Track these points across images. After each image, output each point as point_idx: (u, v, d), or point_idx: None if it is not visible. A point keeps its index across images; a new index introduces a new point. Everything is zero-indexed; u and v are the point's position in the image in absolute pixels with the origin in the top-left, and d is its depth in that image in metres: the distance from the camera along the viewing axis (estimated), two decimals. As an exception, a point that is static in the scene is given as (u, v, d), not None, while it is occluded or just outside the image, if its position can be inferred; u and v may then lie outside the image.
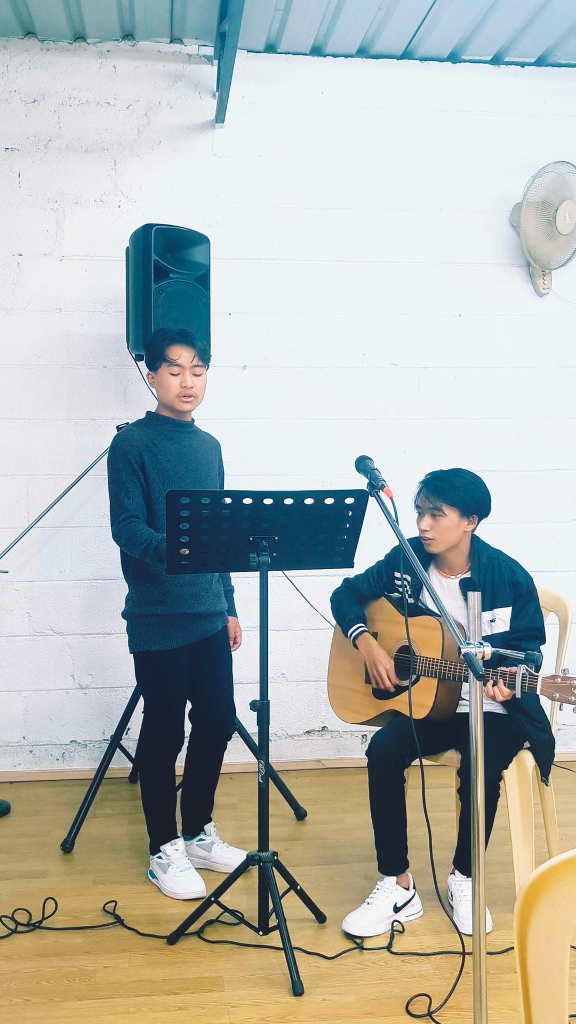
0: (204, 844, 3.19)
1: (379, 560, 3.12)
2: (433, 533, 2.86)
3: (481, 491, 2.88)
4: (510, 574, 2.88)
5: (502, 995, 2.43)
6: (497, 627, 2.85)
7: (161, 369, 2.98)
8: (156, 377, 3.02)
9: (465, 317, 4.37)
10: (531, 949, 1.14)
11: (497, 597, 2.85)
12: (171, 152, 4.19)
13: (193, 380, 2.98)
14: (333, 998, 2.43)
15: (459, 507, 2.84)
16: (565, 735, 4.39)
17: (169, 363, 2.96)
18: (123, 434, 3.03)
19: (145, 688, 3.05)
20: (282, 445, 4.28)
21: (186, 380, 2.97)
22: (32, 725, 4.16)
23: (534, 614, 2.87)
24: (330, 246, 4.29)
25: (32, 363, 4.13)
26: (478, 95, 4.36)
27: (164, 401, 3.04)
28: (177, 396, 2.98)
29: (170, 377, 2.97)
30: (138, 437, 2.99)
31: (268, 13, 3.91)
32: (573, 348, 4.44)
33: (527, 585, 2.88)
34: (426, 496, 2.87)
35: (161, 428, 3.04)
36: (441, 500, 2.83)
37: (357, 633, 3.01)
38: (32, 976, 2.54)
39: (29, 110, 4.11)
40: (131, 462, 2.94)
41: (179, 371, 2.96)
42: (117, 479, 2.95)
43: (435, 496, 2.84)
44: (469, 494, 2.85)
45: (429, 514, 2.85)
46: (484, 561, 2.90)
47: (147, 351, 3.05)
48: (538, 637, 2.84)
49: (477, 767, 2.02)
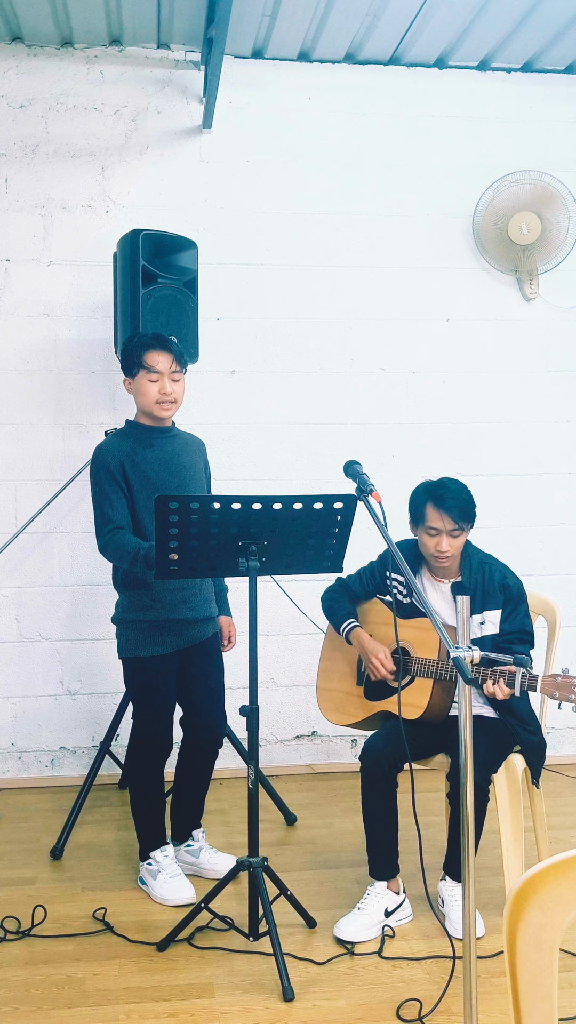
0: (192, 850, 3.18)
1: (372, 561, 3.12)
2: (453, 551, 2.87)
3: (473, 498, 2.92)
4: (500, 577, 2.89)
5: (492, 999, 2.43)
6: (487, 629, 2.86)
7: (139, 375, 2.95)
8: (134, 383, 2.98)
9: (453, 322, 4.38)
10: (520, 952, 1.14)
11: (487, 600, 2.86)
12: (159, 157, 4.19)
13: (172, 386, 2.95)
14: (323, 1004, 2.43)
15: (472, 521, 2.88)
16: (554, 738, 4.40)
17: (147, 369, 2.93)
18: (103, 446, 3.00)
19: (134, 694, 3.04)
20: (271, 450, 4.28)
21: (165, 387, 2.94)
22: (21, 731, 4.15)
23: (523, 617, 2.88)
24: (318, 251, 4.30)
25: (20, 368, 4.12)
26: (465, 101, 4.38)
27: (143, 408, 3.01)
28: (156, 403, 2.95)
29: (148, 384, 2.94)
30: (118, 448, 2.96)
31: (255, 19, 3.91)
32: (560, 353, 4.45)
33: (517, 588, 2.89)
34: (454, 519, 2.83)
35: (141, 436, 3.01)
36: (467, 521, 2.86)
37: (350, 628, 3.01)
38: (21, 984, 2.52)
39: (16, 115, 4.11)
40: (112, 473, 2.91)
41: (157, 377, 2.93)
42: (100, 491, 2.92)
43: (464, 520, 2.85)
44: (474, 505, 2.89)
45: (449, 535, 2.84)
46: (475, 565, 2.91)
47: (123, 357, 3.02)
48: (528, 640, 2.85)
49: (466, 771, 2.02)
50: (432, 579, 2.97)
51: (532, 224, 4.09)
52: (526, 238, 4.08)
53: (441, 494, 2.84)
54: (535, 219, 4.13)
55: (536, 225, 4.12)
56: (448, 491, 2.85)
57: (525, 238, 4.08)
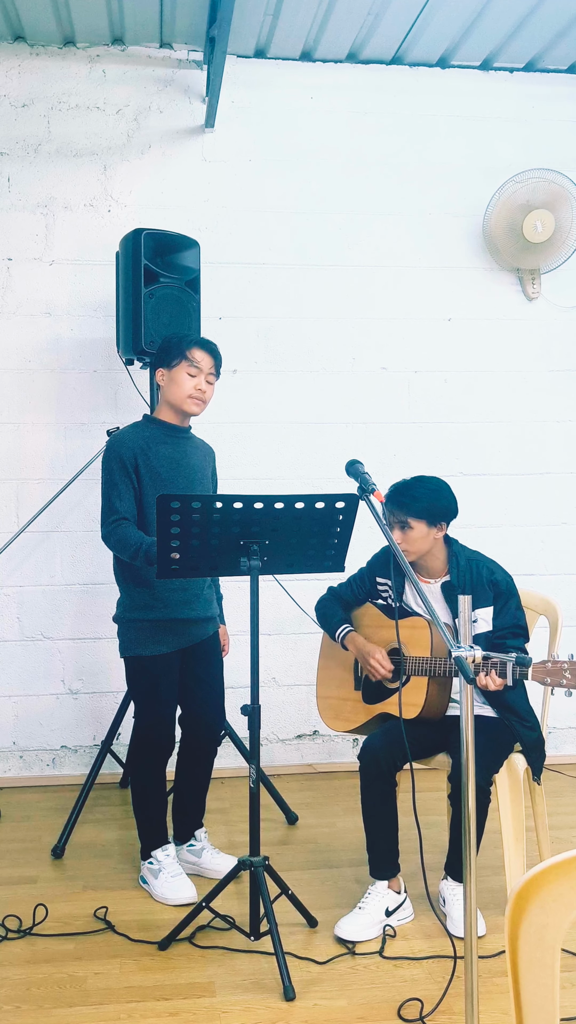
0: (194, 850, 3.18)
1: (361, 567, 3.13)
2: (405, 545, 2.88)
3: (443, 498, 2.89)
4: (488, 574, 2.89)
5: (494, 999, 2.43)
6: (479, 627, 2.86)
7: (179, 367, 2.98)
8: (169, 374, 3.00)
9: (455, 321, 4.38)
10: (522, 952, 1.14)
11: (477, 597, 2.86)
12: (161, 157, 4.19)
13: (206, 386, 3.00)
14: (324, 1003, 2.42)
15: (425, 518, 2.86)
16: (555, 738, 4.40)
17: (189, 362, 2.97)
18: (118, 436, 3.03)
19: (136, 693, 3.04)
20: (273, 449, 4.28)
21: (201, 383, 2.99)
22: (22, 730, 4.15)
23: (515, 611, 2.88)
24: (320, 250, 4.30)
25: (22, 367, 4.12)
26: (467, 100, 4.38)
27: (173, 400, 3.02)
28: (189, 396, 2.99)
29: (187, 377, 2.98)
30: (133, 440, 2.99)
31: (257, 18, 3.91)
32: (562, 352, 4.45)
33: (506, 583, 2.89)
34: (391, 511, 2.89)
35: (157, 432, 3.04)
36: (405, 514, 2.86)
37: (344, 633, 3.01)
38: (22, 983, 2.53)
39: (19, 114, 4.11)
40: (125, 464, 2.94)
41: (197, 372, 2.98)
42: (110, 481, 2.96)
43: (399, 510, 2.87)
44: (432, 503, 2.87)
45: (398, 527, 2.88)
46: (462, 563, 2.91)
47: (166, 347, 3.02)
48: (522, 635, 2.85)
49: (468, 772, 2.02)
50: (420, 580, 2.97)
51: (547, 222, 4.10)
52: (540, 236, 4.08)
53: (393, 488, 2.93)
54: (550, 217, 4.13)
55: (550, 223, 4.12)
56: (398, 486, 2.92)
57: (539, 236, 4.08)
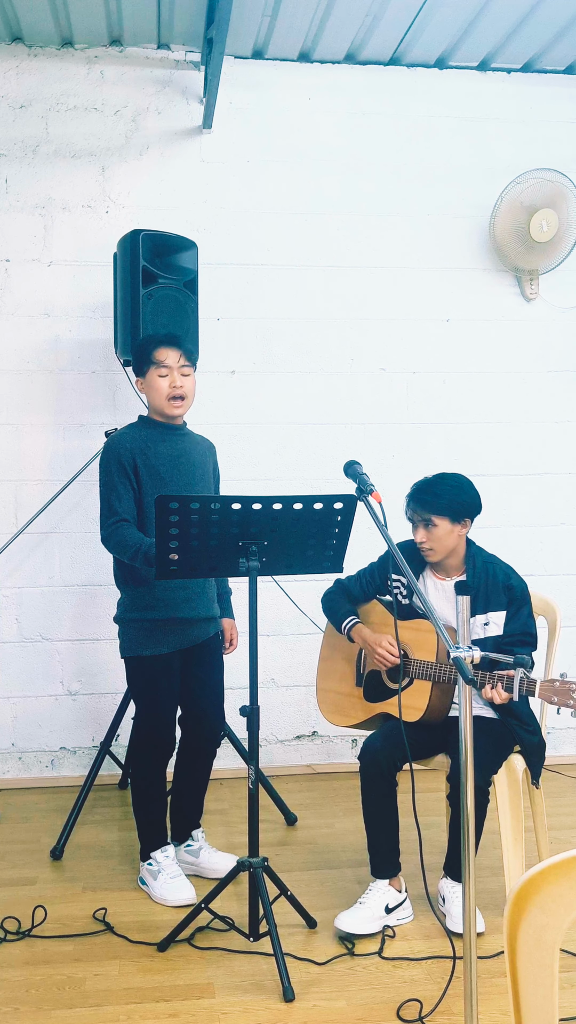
0: (192, 850, 3.18)
1: (372, 562, 3.12)
2: (430, 544, 2.87)
3: (467, 494, 2.89)
4: (504, 578, 2.89)
5: (493, 999, 2.43)
6: (491, 631, 2.85)
7: (149, 372, 2.99)
8: (145, 382, 3.02)
9: (453, 322, 4.39)
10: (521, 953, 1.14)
11: (491, 601, 2.86)
12: (159, 158, 4.19)
13: (182, 380, 2.99)
14: (324, 1004, 2.42)
15: (448, 515, 2.85)
16: (555, 738, 4.40)
17: (156, 364, 2.97)
18: (116, 436, 3.03)
19: (137, 693, 3.04)
20: (271, 450, 4.28)
21: (175, 380, 2.98)
22: (21, 732, 4.15)
23: (527, 619, 2.88)
24: (318, 251, 4.30)
25: (20, 368, 4.12)
26: (465, 101, 4.38)
27: (155, 406, 3.04)
28: (167, 398, 2.98)
29: (158, 379, 2.98)
30: (131, 440, 2.99)
31: (255, 19, 3.91)
32: (560, 353, 4.45)
33: (520, 589, 2.89)
34: (415, 509, 2.89)
35: (154, 432, 3.04)
36: (429, 512, 2.85)
37: (351, 625, 3.01)
38: (21, 984, 2.52)
39: (17, 115, 4.11)
40: (123, 465, 2.95)
41: (167, 372, 2.97)
42: (109, 482, 2.96)
43: (423, 509, 2.86)
44: (455, 499, 2.86)
45: (422, 526, 2.87)
46: (479, 565, 2.91)
47: (135, 358, 3.05)
48: (530, 643, 2.85)
49: (467, 772, 2.02)
50: (434, 577, 2.97)
51: (551, 221, 4.10)
52: (545, 235, 4.08)
53: (416, 486, 2.90)
54: (554, 217, 4.13)
55: (554, 223, 4.12)
56: (420, 484, 2.91)
57: (544, 235, 4.08)
